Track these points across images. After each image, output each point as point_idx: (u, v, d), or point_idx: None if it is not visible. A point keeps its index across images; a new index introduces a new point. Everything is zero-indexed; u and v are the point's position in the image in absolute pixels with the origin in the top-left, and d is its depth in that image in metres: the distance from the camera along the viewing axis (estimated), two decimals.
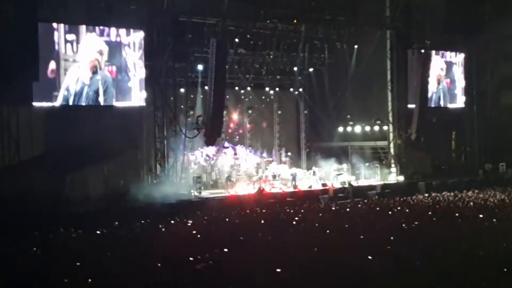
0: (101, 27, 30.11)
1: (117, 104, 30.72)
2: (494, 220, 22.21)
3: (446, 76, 41.85)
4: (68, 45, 29.20)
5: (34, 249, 18.84)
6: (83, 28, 29.62)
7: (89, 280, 14.34)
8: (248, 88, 38.26)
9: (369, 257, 15.72)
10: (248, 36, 34.96)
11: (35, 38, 28.27)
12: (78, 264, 15.95)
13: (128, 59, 30.97)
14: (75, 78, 29.41)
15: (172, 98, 32.70)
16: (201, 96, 34.00)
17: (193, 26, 32.52)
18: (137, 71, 31.21)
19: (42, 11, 28.52)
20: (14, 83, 27.33)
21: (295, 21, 35.84)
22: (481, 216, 23.05)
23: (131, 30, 30.89)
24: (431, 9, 38.83)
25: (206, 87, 31.69)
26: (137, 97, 31.32)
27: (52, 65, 28.86)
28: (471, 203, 27.72)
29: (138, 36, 31.12)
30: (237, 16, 32.94)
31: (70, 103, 29.29)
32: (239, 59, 35.58)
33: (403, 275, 14.09)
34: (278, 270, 14.65)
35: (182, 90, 34.78)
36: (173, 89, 33.09)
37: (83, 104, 29.61)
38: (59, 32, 29.02)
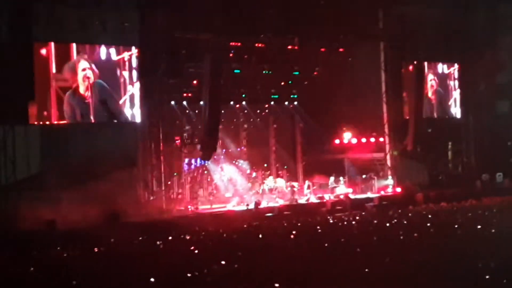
0: (92, 47, 30.18)
1: (112, 121, 30.85)
2: (493, 230, 22.14)
3: (441, 87, 41.89)
4: (60, 64, 29.33)
5: (32, 269, 18.75)
6: (74, 47, 29.69)
7: None
8: (243, 103, 38.20)
9: (366, 270, 15.64)
10: (242, 50, 35.04)
11: (30, 57, 28.35)
12: (75, 283, 15.85)
13: (120, 77, 31.00)
14: (77, 97, 29.73)
15: (167, 114, 32.83)
16: (197, 112, 33.95)
17: (187, 41, 32.59)
18: (129, 88, 31.23)
19: (36, 30, 28.57)
20: (10, 102, 27.36)
21: (288, 35, 35.99)
22: (479, 226, 22.99)
23: (121, 48, 30.94)
24: (424, 20, 38.90)
25: (202, 103, 31.69)
26: (132, 114, 31.33)
27: (45, 84, 28.98)
28: (469, 214, 27.68)
29: (130, 53, 31.15)
30: (231, 31, 32.99)
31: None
32: (233, 73, 35.55)
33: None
34: (277, 285, 14.58)
35: (177, 106, 34.82)
36: (168, 105, 33.19)
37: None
38: (51, 51, 29.09)
